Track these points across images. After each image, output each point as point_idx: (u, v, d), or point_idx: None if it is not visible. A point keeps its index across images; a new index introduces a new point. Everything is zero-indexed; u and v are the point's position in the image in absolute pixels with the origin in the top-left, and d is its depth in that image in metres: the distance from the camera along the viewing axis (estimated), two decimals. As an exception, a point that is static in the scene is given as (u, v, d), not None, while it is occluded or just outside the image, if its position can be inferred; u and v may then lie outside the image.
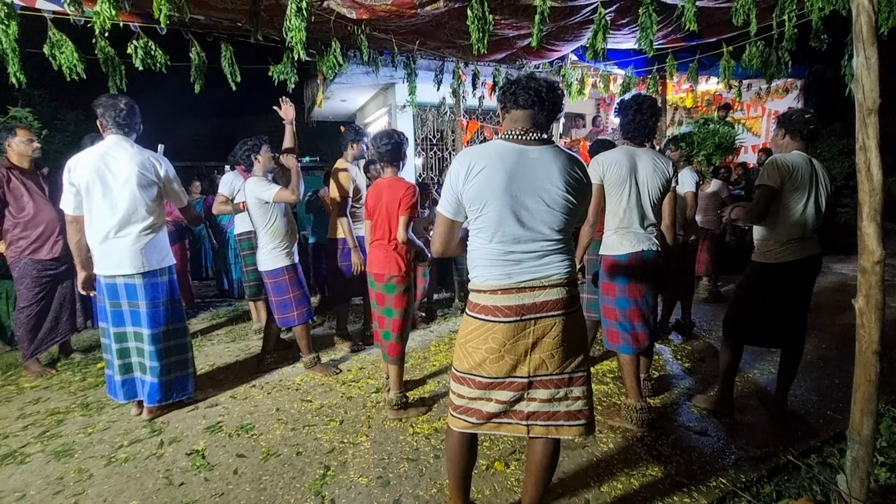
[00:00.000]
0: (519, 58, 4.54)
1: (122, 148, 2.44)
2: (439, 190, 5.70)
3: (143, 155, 2.49)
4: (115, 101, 2.45)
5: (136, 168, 2.43)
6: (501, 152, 1.42)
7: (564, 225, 1.45)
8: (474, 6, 2.61)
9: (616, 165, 2.31)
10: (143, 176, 2.45)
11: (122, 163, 2.42)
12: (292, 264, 3.14)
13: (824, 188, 2.30)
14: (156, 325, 2.51)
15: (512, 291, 1.43)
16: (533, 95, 1.44)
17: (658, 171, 2.37)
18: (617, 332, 2.41)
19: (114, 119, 2.43)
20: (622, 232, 2.36)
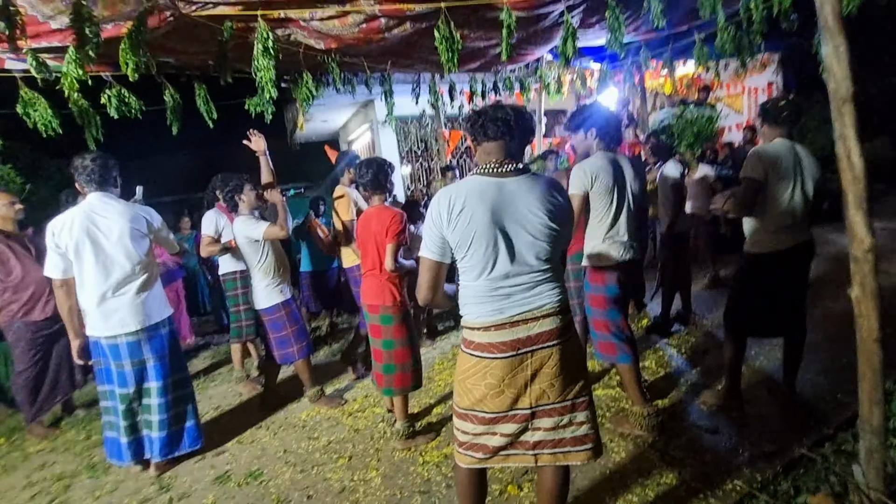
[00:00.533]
0: (493, 65, 4.53)
1: (107, 204, 2.43)
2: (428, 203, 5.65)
3: (132, 209, 2.48)
4: (83, 161, 2.45)
5: (128, 223, 2.41)
6: (480, 188, 1.40)
7: (551, 253, 1.44)
8: (440, 27, 2.59)
9: (603, 174, 2.28)
10: (136, 230, 2.44)
11: (112, 220, 2.40)
12: (287, 300, 3.11)
13: (811, 175, 2.28)
14: (162, 378, 2.50)
15: (505, 327, 1.40)
16: (501, 126, 1.42)
17: (638, 175, 2.41)
18: (612, 344, 2.39)
19: (88, 178, 2.42)
20: (610, 242, 2.34)
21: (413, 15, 2.77)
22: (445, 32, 2.62)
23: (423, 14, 2.79)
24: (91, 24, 2.20)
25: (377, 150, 7.24)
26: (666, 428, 2.41)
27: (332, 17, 2.72)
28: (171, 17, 2.58)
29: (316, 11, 2.65)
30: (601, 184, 2.28)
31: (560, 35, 3.57)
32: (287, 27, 2.89)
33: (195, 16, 2.59)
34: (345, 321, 5.49)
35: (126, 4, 2.41)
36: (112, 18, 2.48)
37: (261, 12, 2.57)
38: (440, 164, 7.45)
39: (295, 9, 2.59)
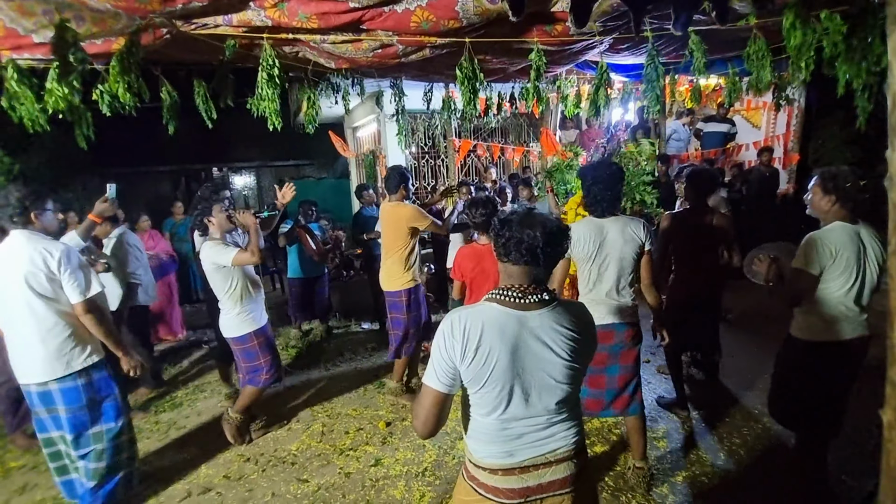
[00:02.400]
0: (511, 78, 4.28)
1: (17, 242, 2.23)
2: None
3: (32, 250, 2.20)
4: (6, 194, 2.26)
5: (24, 266, 2.17)
6: (500, 323, 1.25)
7: (571, 394, 1.31)
8: (464, 64, 2.38)
9: (582, 242, 2.25)
10: (32, 274, 2.18)
11: (13, 261, 2.19)
12: (260, 328, 2.96)
13: (875, 262, 2.05)
14: (75, 430, 2.32)
15: (514, 472, 1.28)
16: (526, 254, 1.25)
17: (629, 239, 2.25)
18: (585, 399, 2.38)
19: (7, 215, 2.24)
20: (592, 304, 2.24)
21: (432, 45, 2.55)
22: (468, 71, 2.41)
23: (445, 43, 2.57)
24: (76, 49, 1.98)
25: (383, 142, 6.96)
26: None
27: (345, 41, 2.49)
28: (168, 35, 2.35)
29: (327, 37, 2.42)
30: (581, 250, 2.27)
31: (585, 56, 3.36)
32: (295, 45, 2.67)
33: (194, 34, 2.37)
34: (342, 325, 5.42)
35: (117, 21, 2.18)
36: (99, 35, 2.25)
37: (267, 35, 2.34)
38: (446, 161, 7.21)
39: (306, 34, 2.36)
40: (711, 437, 2.94)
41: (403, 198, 3.34)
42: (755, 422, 3.05)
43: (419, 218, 3.26)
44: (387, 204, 3.38)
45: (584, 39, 2.65)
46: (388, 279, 3.38)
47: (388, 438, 3.11)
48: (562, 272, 2.32)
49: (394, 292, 3.37)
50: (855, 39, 2.21)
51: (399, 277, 3.33)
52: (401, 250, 3.29)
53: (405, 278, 3.33)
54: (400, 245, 3.28)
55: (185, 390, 3.99)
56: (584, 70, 5.06)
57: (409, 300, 3.35)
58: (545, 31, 2.46)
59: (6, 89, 3.08)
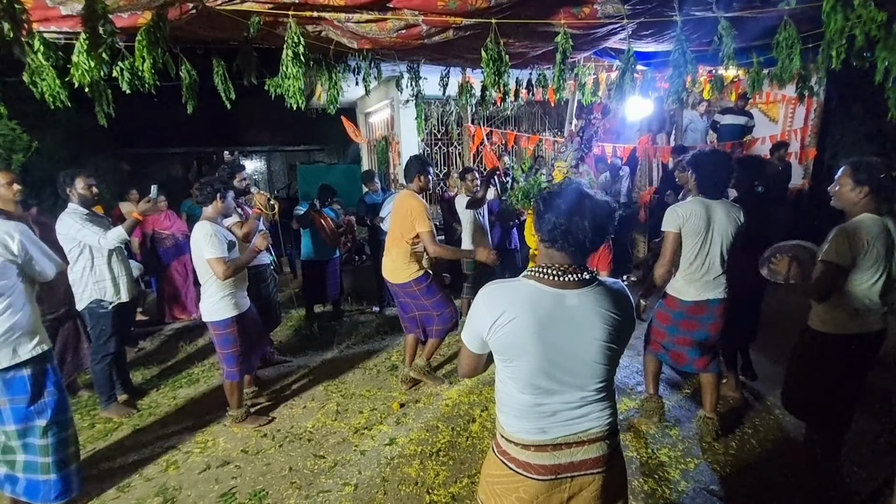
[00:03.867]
0: (530, 64, 4.24)
1: None
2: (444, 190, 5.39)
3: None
4: None
5: None
6: (535, 299, 1.25)
7: (606, 375, 1.31)
8: (489, 46, 2.36)
9: (693, 217, 2.43)
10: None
11: None
12: (241, 314, 2.94)
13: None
14: (17, 422, 2.20)
15: (546, 449, 1.29)
16: (572, 243, 1.24)
17: (732, 221, 2.46)
18: (659, 345, 2.76)
19: None
20: (689, 280, 2.48)
21: (457, 26, 2.53)
22: (494, 53, 2.39)
23: (469, 24, 2.55)
24: (105, 21, 1.98)
25: (396, 128, 6.94)
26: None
27: (370, 21, 2.47)
28: (194, 10, 2.34)
29: (352, 16, 2.41)
30: (691, 225, 2.43)
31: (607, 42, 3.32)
32: (319, 24, 2.65)
33: (220, 9, 2.36)
34: (353, 308, 5.46)
35: (145, -6, 2.18)
36: (126, 8, 2.25)
37: (292, 12, 2.33)
38: (459, 150, 7.18)
39: (331, 12, 2.35)
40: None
41: (420, 189, 3.23)
42: (767, 413, 3.06)
43: (421, 218, 3.09)
44: (402, 192, 3.29)
45: (611, 23, 2.61)
46: (394, 271, 3.25)
47: (401, 419, 3.15)
48: (673, 249, 2.47)
49: (403, 284, 3.24)
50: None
51: (405, 269, 3.21)
52: (405, 243, 3.16)
53: (411, 269, 3.21)
54: (405, 237, 3.15)
55: (201, 367, 4.06)
56: (602, 58, 5.00)
57: (421, 288, 3.24)
58: (572, 13, 2.43)
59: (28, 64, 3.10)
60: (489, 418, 3.12)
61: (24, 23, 1.77)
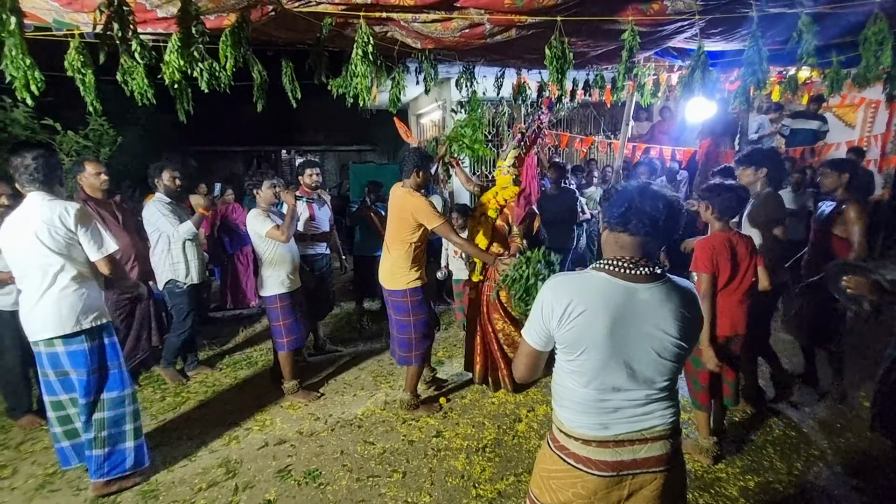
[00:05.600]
0: (589, 64, 4.18)
1: (33, 203, 2.23)
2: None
3: (47, 210, 2.21)
4: (22, 158, 2.23)
5: (38, 226, 2.18)
6: (606, 291, 1.24)
7: (673, 373, 1.28)
8: (553, 43, 2.36)
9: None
10: (46, 233, 2.19)
11: (30, 221, 2.20)
12: (287, 292, 3.24)
13: None
14: (86, 394, 2.31)
15: (608, 445, 1.27)
16: (647, 224, 1.23)
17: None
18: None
19: (23, 176, 2.23)
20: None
21: (522, 25, 2.55)
22: (558, 50, 2.39)
23: (532, 23, 2.56)
24: (198, 22, 2.16)
25: (447, 129, 7.03)
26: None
27: (435, 20, 2.54)
28: (273, 12, 2.49)
29: (418, 16, 2.48)
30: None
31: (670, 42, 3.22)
32: (386, 25, 2.75)
33: (296, 11, 2.50)
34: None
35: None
36: (214, 10, 2.43)
37: (363, 13, 2.43)
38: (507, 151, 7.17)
39: (399, 13, 2.43)
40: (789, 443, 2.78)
41: (418, 185, 2.92)
42: (838, 435, 2.86)
43: (429, 215, 2.79)
44: (398, 188, 2.98)
45: (680, 19, 2.54)
46: (390, 276, 2.97)
47: (448, 413, 3.19)
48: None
49: (397, 292, 2.95)
50: None
51: (403, 276, 2.93)
52: (406, 245, 2.89)
53: (410, 277, 2.93)
54: (405, 239, 2.88)
55: (259, 351, 4.28)
56: (664, 58, 4.85)
57: (413, 301, 2.95)
58: (640, 9, 2.38)
59: (121, 64, 3.39)
60: (535, 419, 3.10)
61: (130, 24, 1.95)
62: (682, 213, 1.27)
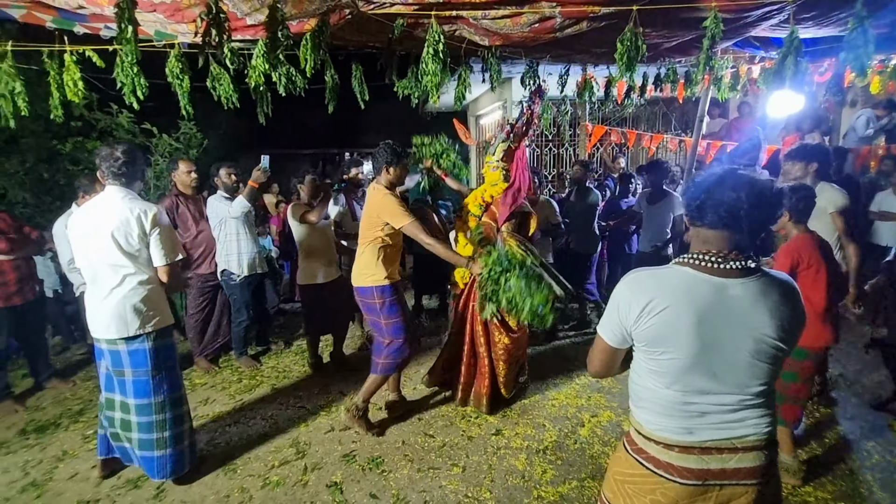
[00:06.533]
0: (660, 58, 3.99)
1: (112, 201, 2.24)
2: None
3: (126, 210, 2.21)
4: (112, 150, 2.26)
5: (115, 225, 2.18)
6: (691, 287, 1.15)
7: (769, 377, 1.18)
8: (627, 34, 2.28)
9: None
10: (122, 233, 2.19)
11: (106, 219, 2.20)
12: (317, 284, 3.61)
13: None
14: (140, 396, 2.31)
15: (693, 451, 1.18)
16: (725, 217, 1.13)
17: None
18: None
19: (110, 169, 2.24)
20: None
21: (594, 16, 2.49)
22: (631, 42, 2.30)
23: (605, 14, 2.49)
24: (283, 27, 2.30)
25: (506, 129, 7.01)
26: None
27: (504, 16, 2.54)
28: (349, 15, 2.61)
29: (488, 12, 2.50)
30: None
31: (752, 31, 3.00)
32: (455, 24, 2.79)
33: (371, 13, 2.60)
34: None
35: (311, 3, 2.48)
36: (297, 16, 2.58)
37: (435, 12, 2.48)
38: (570, 150, 7.01)
39: (469, 10, 2.46)
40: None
41: (390, 183, 2.78)
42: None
43: (395, 214, 2.65)
44: (372, 185, 2.85)
45: (769, 3, 2.36)
46: (358, 273, 2.82)
47: (507, 412, 3.16)
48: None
49: (364, 290, 2.78)
50: None
51: (370, 273, 2.76)
52: (373, 242, 2.74)
53: (378, 274, 2.75)
54: (373, 236, 2.74)
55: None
56: (743, 49, 4.53)
57: (383, 303, 2.76)
58: (725, -5, 2.25)
59: (210, 70, 3.68)
60: (599, 425, 3.00)
61: (226, 30, 2.13)
62: (772, 201, 1.16)
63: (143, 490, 2.46)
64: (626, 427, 2.96)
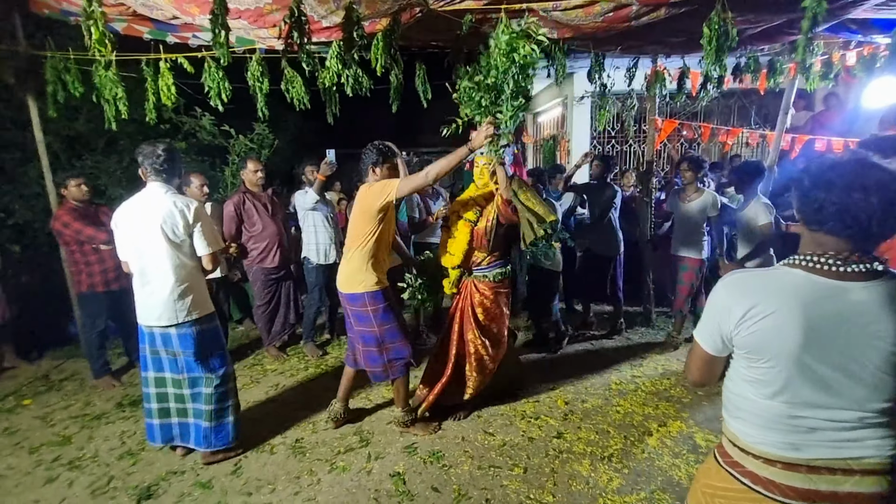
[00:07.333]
0: (743, 46, 3.72)
1: (156, 196, 2.37)
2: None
3: (171, 204, 2.35)
4: (154, 148, 2.37)
5: (162, 218, 2.32)
6: (804, 291, 1.04)
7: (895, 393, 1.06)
8: (714, 19, 2.13)
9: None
10: (169, 226, 2.34)
11: (153, 213, 2.33)
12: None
13: None
14: (195, 371, 2.50)
15: (799, 469, 1.08)
16: (851, 225, 1.00)
17: None
18: None
19: (153, 167, 2.36)
20: None
21: (674, 1, 2.35)
22: (718, 25, 2.16)
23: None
24: (358, 27, 2.38)
25: (567, 126, 6.82)
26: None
27: (577, 6, 2.47)
28: (420, 13, 2.65)
29: (560, 3, 2.44)
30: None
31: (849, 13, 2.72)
32: (522, 17, 2.75)
33: (441, 10, 2.62)
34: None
35: (384, 2, 2.54)
36: (370, 16, 2.65)
37: (505, 6, 2.46)
38: (635, 148, 6.72)
39: (540, 2, 2.41)
40: None
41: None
42: None
43: (384, 186, 2.49)
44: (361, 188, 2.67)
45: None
46: (346, 279, 2.65)
47: (568, 416, 3.08)
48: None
49: (355, 297, 2.61)
50: None
51: (361, 278, 2.60)
52: (362, 245, 2.57)
53: (368, 279, 2.59)
54: (365, 233, 2.56)
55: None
56: (837, 34, 4.13)
57: (376, 310, 2.60)
58: (827, -29, 2.04)
59: (284, 73, 3.86)
60: (668, 436, 2.85)
61: (306, 32, 2.23)
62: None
63: (223, 465, 2.63)
64: (698, 440, 2.81)
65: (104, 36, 2.01)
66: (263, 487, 2.46)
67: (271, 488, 2.45)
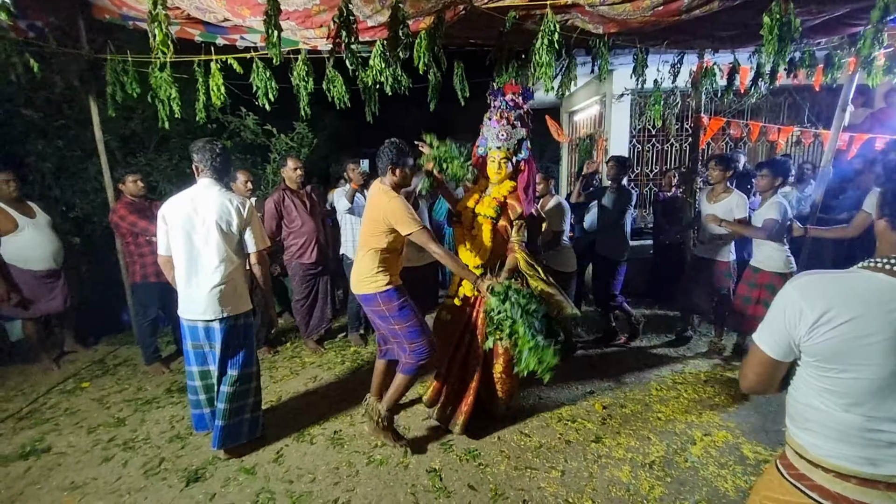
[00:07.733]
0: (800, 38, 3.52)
1: (210, 192, 2.42)
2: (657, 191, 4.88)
3: (226, 201, 2.41)
4: (212, 146, 2.43)
5: (218, 214, 2.38)
6: (884, 296, 0.99)
7: None
8: (774, 10, 2.03)
9: None
10: (225, 222, 2.40)
11: (208, 208, 2.38)
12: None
13: None
14: (230, 368, 2.52)
15: (877, 486, 1.02)
16: None
17: None
18: None
19: (210, 164, 2.42)
20: None
21: (732, -8, 2.26)
22: (779, 17, 2.05)
23: (745, -10, 2.25)
24: (405, 25, 2.40)
25: (606, 125, 6.66)
26: None
27: (625, 0, 2.41)
28: (464, 11, 2.64)
29: (610, -3, 2.38)
30: None
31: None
32: (568, 12, 2.70)
33: (485, 7, 2.61)
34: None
35: (428, 1, 2.55)
36: (415, 15, 2.67)
37: (550, 2, 2.43)
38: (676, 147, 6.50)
39: (588, -5, 2.37)
40: None
41: (396, 185, 2.57)
42: None
43: (405, 219, 2.42)
44: (376, 185, 2.64)
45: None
46: (358, 280, 2.61)
47: (606, 420, 3.01)
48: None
49: (368, 298, 2.58)
50: None
51: (370, 280, 2.56)
52: (375, 248, 2.54)
53: (377, 280, 2.54)
54: (376, 242, 2.54)
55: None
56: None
57: (391, 308, 2.55)
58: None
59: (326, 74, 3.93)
60: (714, 445, 2.74)
61: (354, 31, 2.26)
62: None
63: (265, 453, 2.71)
64: (746, 452, 2.70)
65: (167, 37, 2.11)
66: (304, 476, 2.52)
67: (311, 477, 2.51)
